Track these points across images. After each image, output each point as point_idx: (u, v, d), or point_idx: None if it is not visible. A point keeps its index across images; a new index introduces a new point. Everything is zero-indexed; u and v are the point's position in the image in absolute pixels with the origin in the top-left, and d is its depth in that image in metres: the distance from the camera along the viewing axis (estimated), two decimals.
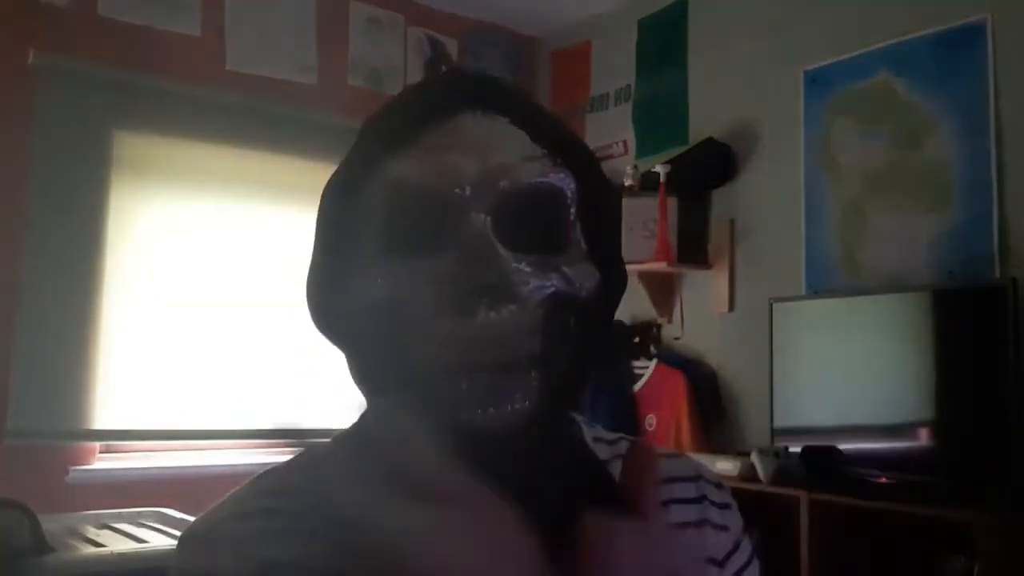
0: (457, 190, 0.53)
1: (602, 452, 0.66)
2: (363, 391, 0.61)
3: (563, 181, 0.57)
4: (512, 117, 0.56)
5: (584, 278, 0.56)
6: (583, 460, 0.63)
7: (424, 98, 0.58)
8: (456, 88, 0.58)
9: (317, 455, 0.62)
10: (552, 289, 0.54)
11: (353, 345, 0.57)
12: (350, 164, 0.59)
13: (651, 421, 3.14)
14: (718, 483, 0.70)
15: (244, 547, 0.54)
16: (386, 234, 0.55)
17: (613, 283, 0.59)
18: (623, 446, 0.69)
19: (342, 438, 0.63)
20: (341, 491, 0.39)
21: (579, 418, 0.66)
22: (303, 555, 0.54)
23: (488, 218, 0.53)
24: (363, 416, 0.62)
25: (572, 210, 0.57)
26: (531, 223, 0.54)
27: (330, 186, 0.60)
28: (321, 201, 0.60)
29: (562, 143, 0.58)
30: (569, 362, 0.55)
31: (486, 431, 0.51)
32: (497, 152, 0.54)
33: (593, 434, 0.68)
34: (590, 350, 0.58)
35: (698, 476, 0.69)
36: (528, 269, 0.53)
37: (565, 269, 0.55)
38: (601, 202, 0.60)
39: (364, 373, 0.58)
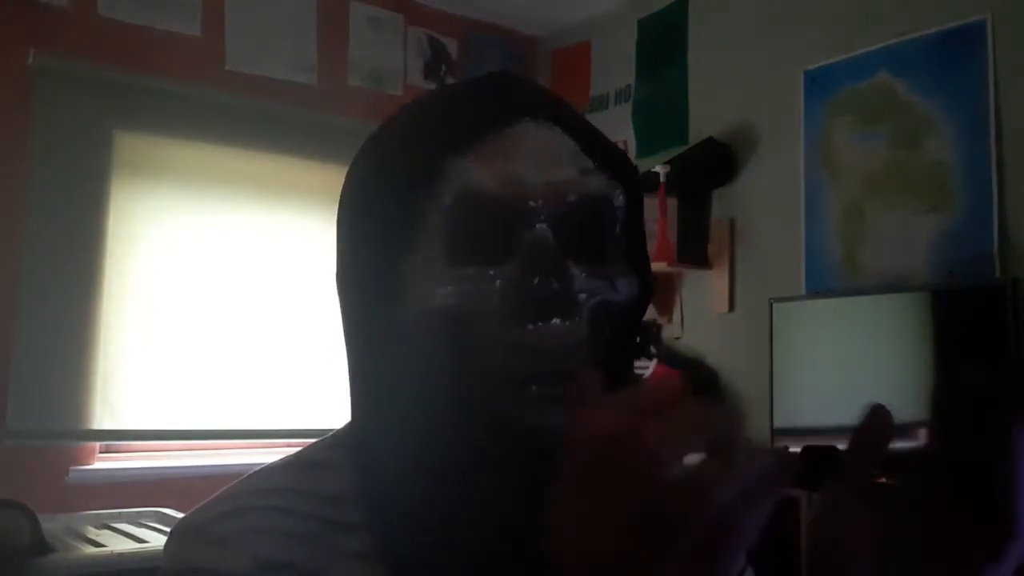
0: (531, 202, 0.54)
1: None
2: (383, 396, 0.59)
3: (616, 195, 0.58)
4: (564, 127, 0.58)
5: (629, 288, 0.58)
6: None
7: (482, 100, 0.58)
8: (515, 94, 0.59)
9: (319, 457, 0.62)
10: (601, 298, 0.56)
11: (406, 349, 0.56)
12: (402, 160, 0.57)
13: None
14: None
15: (252, 544, 0.54)
16: (452, 240, 0.54)
17: (647, 290, 0.61)
18: None
19: (337, 444, 0.63)
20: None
21: None
22: (312, 558, 0.54)
23: (550, 229, 0.54)
24: (357, 420, 0.62)
25: (619, 223, 0.59)
26: (588, 235, 0.56)
27: (378, 183, 0.58)
28: (366, 193, 0.58)
29: (610, 156, 0.59)
30: (611, 368, 0.56)
31: (554, 434, 0.51)
32: (559, 165, 0.56)
33: None
34: (629, 355, 0.61)
35: None
36: (585, 279, 0.55)
37: (614, 279, 0.57)
38: (640, 213, 0.62)
39: (404, 380, 0.56)
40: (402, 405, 0.57)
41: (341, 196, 0.61)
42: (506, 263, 0.53)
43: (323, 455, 0.62)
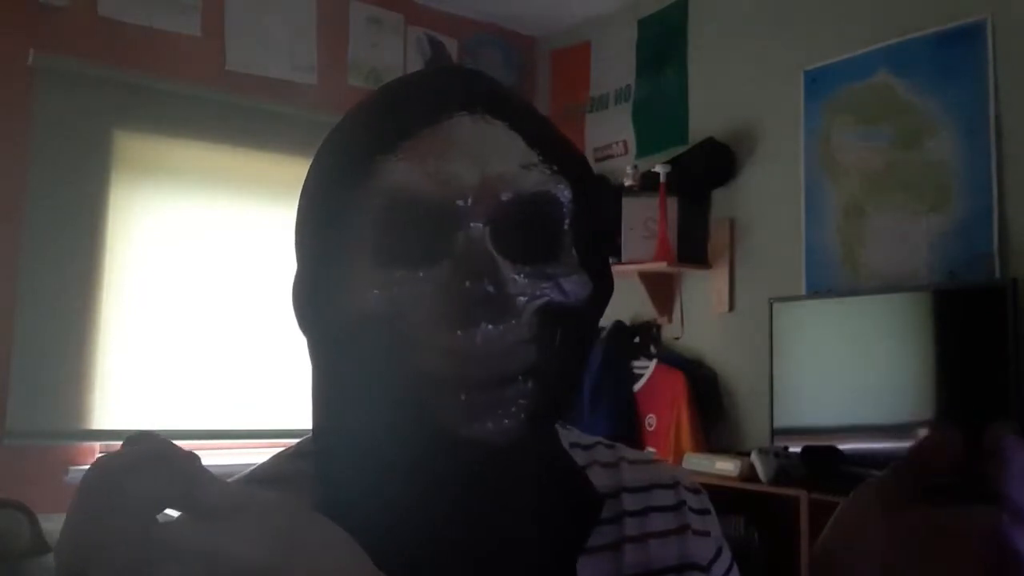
0: (459, 201, 0.51)
1: (579, 457, 0.66)
2: (330, 404, 0.58)
3: (560, 190, 0.55)
4: (507, 120, 0.55)
5: (578, 288, 0.55)
6: (568, 473, 0.63)
7: (416, 95, 0.56)
8: (449, 87, 0.56)
9: (278, 470, 0.61)
10: (547, 299, 0.53)
11: (342, 355, 0.55)
12: (337, 161, 0.56)
13: (651, 421, 3.14)
14: (695, 489, 0.70)
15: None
16: (381, 242, 0.52)
17: (603, 291, 0.59)
18: (600, 451, 0.68)
19: (301, 454, 0.62)
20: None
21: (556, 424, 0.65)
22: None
23: (486, 228, 0.51)
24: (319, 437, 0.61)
25: (567, 219, 0.56)
26: (528, 233, 0.53)
27: (316, 183, 0.57)
28: (306, 198, 0.57)
29: (558, 149, 0.56)
30: (561, 372, 0.55)
31: (484, 446, 0.50)
32: (496, 160, 0.53)
33: (570, 439, 0.67)
34: (581, 359, 0.57)
35: (676, 483, 0.68)
36: (524, 280, 0.52)
37: (560, 280, 0.54)
38: (594, 210, 0.59)
39: (344, 386, 0.56)
40: (348, 414, 0.56)
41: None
42: (437, 265, 0.51)
43: (283, 468, 0.61)
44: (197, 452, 0.40)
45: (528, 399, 0.52)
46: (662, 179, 3.08)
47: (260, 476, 0.61)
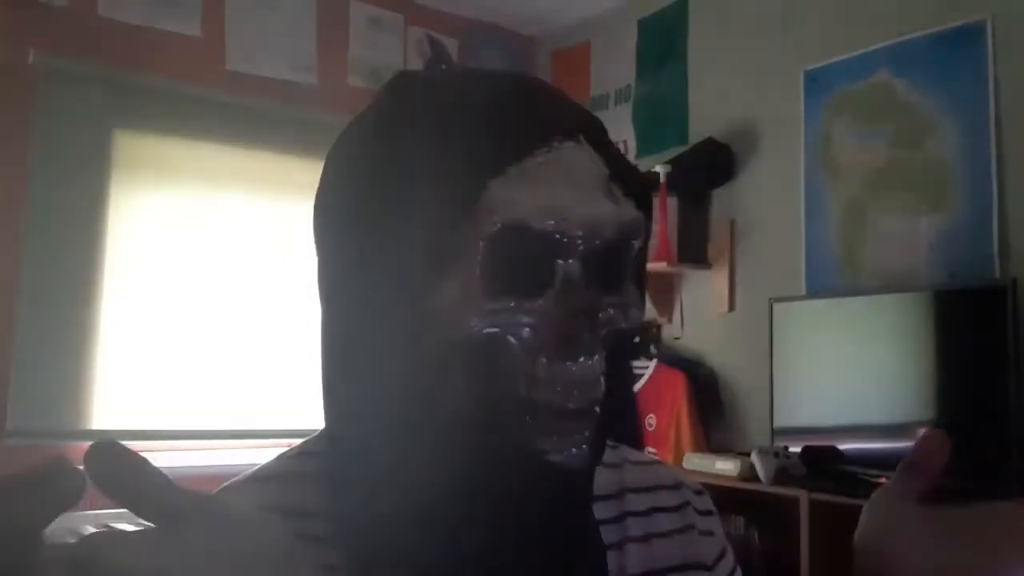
0: (570, 237, 0.51)
1: None
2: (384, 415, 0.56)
3: (641, 227, 0.57)
4: (597, 148, 0.55)
5: (638, 315, 0.57)
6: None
7: (519, 110, 0.54)
8: (550, 107, 0.55)
9: (282, 469, 0.62)
10: (618, 328, 0.55)
11: (421, 372, 0.53)
12: (436, 171, 0.52)
13: (651, 421, 3.14)
14: (699, 490, 0.71)
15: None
16: (492, 269, 0.51)
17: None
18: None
19: (305, 454, 0.62)
20: None
21: None
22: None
23: (582, 261, 0.52)
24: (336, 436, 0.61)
25: (636, 251, 0.57)
26: (613, 265, 0.55)
27: (407, 188, 0.53)
28: (385, 199, 0.53)
29: (635, 181, 0.57)
30: (620, 396, 0.57)
31: (571, 470, 0.52)
32: (599, 196, 0.53)
33: None
34: (631, 379, 0.59)
35: (679, 484, 0.69)
36: (609, 312, 0.54)
37: (627, 309, 0.55)
38: (649, 236, 0.60)
39: (409, 400, 0.54)
40: (403, 425, 0.54)
41: (333, 191, 0.58)
42: (540, 296, 0.52)
43: (288, 467, 0.62)
44: (198, 452, 0.39)
45: (597, 423, 0.54)
46: (662, 179, 3.08)
47: (264, 475, 0.61)
